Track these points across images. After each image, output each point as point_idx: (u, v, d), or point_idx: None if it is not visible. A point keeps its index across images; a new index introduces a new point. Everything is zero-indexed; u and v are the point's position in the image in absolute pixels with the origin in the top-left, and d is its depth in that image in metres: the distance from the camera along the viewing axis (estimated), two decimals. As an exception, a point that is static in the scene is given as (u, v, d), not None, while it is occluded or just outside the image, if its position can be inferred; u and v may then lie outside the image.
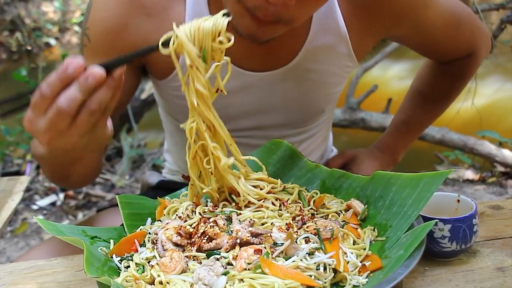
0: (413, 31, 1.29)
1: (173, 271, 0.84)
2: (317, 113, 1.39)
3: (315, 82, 1.28)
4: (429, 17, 1.26)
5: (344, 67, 1.29)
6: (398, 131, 1.60)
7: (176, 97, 1.29)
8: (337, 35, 1.22)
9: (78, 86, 0.83)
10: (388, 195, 1.00)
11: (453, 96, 1.55)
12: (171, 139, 1.56)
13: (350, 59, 1.27)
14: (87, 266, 0.86)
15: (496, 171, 3.48)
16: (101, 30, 1.19)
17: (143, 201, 1.11)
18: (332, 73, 1.28)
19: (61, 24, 7.58)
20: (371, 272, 0.85)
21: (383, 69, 4.79)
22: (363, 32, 1.25)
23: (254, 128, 1.29)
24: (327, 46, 1.23)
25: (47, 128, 0.85)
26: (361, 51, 1.29)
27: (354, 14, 1.22)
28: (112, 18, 1.17)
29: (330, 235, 0.89)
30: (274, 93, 1.27)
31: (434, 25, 1.29)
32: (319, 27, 1.20)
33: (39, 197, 3.46)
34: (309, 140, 1.44)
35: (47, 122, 0.85)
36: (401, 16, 1.23)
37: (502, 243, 1.05)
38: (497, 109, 4.30)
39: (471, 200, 1.02)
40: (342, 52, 1.25)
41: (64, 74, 0.83)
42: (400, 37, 1.36)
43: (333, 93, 1.36)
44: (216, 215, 0.96)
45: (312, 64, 1.25)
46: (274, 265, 0.80)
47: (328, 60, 1.26)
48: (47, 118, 0.84)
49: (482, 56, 1.48)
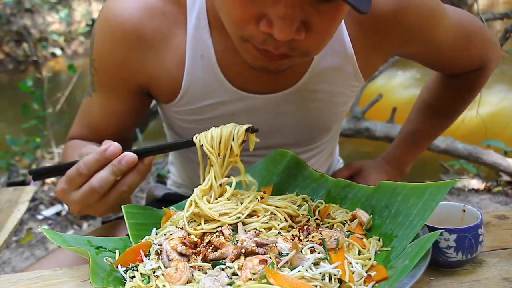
0: (423, 49, 1.27)
1: (178, 281, 0.84)
2: (324, 131, 1.38)
3: (321, 103, 1.27)
4: (440, 34, 1.24)
5: (351, 87, 1.27)
6: (405, 143, 1.59)
7: (179, 120, 1.30)
8: (343, 56, 1.20)
9: (112, 168, 0.98)
10: (393, 205, 1.00)
11: (462, 108, 1.54)
12: (175, 154, 1.56)
13: (356, 79, 1.26)
14: (93, 276, 0.86)
15: (502, 180, 3.47)
16: (104, 64, 1.22)
17: (149, 211, 1.11)
18: (339, 93, 1.27)
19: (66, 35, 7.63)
20: (376, 282, 0.85)
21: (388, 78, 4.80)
22: (371, 52, 1.23)
23: (261, 148, 1.28)
24: (334, 68, 1.21)
25: (78, 201, 1.01)
26: (368, 70, 1.27)
27: (362, 35, 1.20)
28: (112, 54, 1.19)
29: (336, 245, 0.89)
30: (279, 115, 1.26)
31: (444, 42, 1.27)
32: (325, 50, 1.16)
33: (44, 207, 3.47)
34: (316, 156, 1.43)
35: (80, 196, 1.00)
36: (411, 35, 1.21)
37: (508, 253, 1.05)
38: (502, 118, 4.30)
39: (477, 210, 1.01)
40: (348, 72, 1.23)
41: (101, 156, 0.98)
42: (409, 55, 1.34)
43: (340, 112, 1.35)
44: (222, 225, 0.96)
45: (318, 85, 1.23)
46: (280, 275, 0.80)
47: (334, 81, 1.24)
48: (79, 193, 1.00)
49: (493, 68, 1.46)
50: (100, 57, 1.21)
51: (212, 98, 1.22)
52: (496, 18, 3.13)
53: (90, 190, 0.98)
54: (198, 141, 1.04)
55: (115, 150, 0.98)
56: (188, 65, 1.18)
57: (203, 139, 1.03)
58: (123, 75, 1.20)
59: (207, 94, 1.21)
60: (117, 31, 1.16)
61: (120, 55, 1.18)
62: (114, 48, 1.18)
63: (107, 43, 1.18)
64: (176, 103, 1.24)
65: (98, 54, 1.21)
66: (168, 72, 1.20)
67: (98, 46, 1.20)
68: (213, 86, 1.18)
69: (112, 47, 1.18)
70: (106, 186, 0.98)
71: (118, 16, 1.15)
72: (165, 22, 1.16)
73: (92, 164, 0.98)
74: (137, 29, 1.15)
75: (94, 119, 1.31)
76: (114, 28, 1.16)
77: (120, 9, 1.15)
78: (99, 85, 1.25)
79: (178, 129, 1.34)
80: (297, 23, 0.92)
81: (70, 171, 1.00)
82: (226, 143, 1.03)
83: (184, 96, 1.22)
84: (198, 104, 1.23)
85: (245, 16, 0.94)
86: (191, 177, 1.51)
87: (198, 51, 1.16)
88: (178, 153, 1.51)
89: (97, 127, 1.30)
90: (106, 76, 1.23)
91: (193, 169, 1.47)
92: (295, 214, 1.01)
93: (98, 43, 1.20)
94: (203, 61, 1.17)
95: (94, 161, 0.98)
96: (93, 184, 0.98)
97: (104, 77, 1.23)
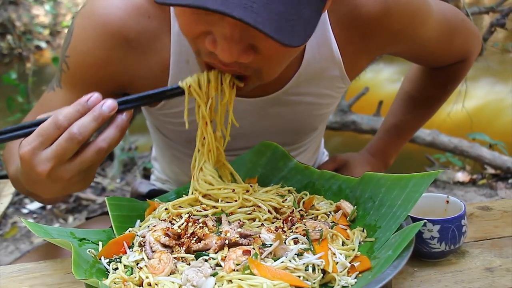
0: (409, 47, 1.28)
1: (161, 272, 0.84)
2: (310, 131, 1.39)
3: (307, 105, 1.26)
4: (426, 32, 1.24)
5: (337, 88, 1.27)
6: (389, 135, 1.59)
7: (164, 122, 1.28)
8: (330, 60, 1.19)
9: (93, 114, 0.87)
10: (377, 196, 1.00)
11: (443, 99, 1.55)
12: (159, 150, 1.55)
13: (343, 81, 1.25)
14: (75, 268, 0.85)
15: (486, 173, 3.49)
16: (81, 62, 1.15)
17: (132, 203, 1.11)
18: (325, 95, 1.26)
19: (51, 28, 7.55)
20: (360, 272, 0.86)
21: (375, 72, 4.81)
22: (357, 54, 1.22)
23: (247, 148, 1.26)
24: (320, 72, 1.20)
25: (51, 155, 0.87)
26: (354, 72, 1.26)
27: (349, 38, 1.18)
28: (93, 52, 1.13)
29: (319, 236, 0.89)
30: (266, 117, 1.25)
31: (430, 38, 1.27)
32: (312, 56, 1.17)
33: (29, 201, 3.44)
34: (302, 154, 1.43)
35: (55, 148, 0.86)
36: (398, 36, 1.20)
37: (491, 244, 1.06)
38: (488, 112, 4.33)
39: (460, 201, 1.02)
40: (335, 75, 1.22)
41: (82, 107, 0.88)
42: (395, 53, 1.34)
43: (326, 113, 1.35)
44: (206, 216, 0.96)
45: (305, 89, 1.22)
46: (263, 266, 0.80)
47: (321, 84, 1.23)
48: (55, 145, 0.86)
49: (474, 58, 1.48)
50: (77, 55, 1.15)
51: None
52: (481, 12, 3.15)
53: (68, 137, 0.86)
54: (185, 84, 0.98)
55: (97, 99, 0.89)
56: (173, 69, 1.15)
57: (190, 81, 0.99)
58: (101, 74, 1.15)
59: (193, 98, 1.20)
60: (100, 30, 1.12)
61: (101, 55, 1.13)
62: (95, 48, 1.13)
63: (88, 41, 1.13)
64: (161, 106, 1.22)
65: (76, 52, 1.15)
66: (152, 75, 1.17)
67: (76, 43, 1.15)
68: None
69: (93, 47, 1.13)
70: (86, 133, 0.87)
71: (102, 15, 1.11)
72: (150, 25, 1.12)
73: (73, 115, 0.88)
74: (121, 30, 1.11)
75: None
76: (98, 27, 1.12)
77: (104, 8, 1.11)
78: (69, 82, 1.18)
79: (164, 129, 1.33)
80: (243, 45, 0.88)
81: (44, 126, 0.88)
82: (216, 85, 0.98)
83: (170, 100, 1.20)
84: (183, 106, 1.22)
85: (193, 31, 0.92)
86: (175, 173, 1.50)
87: (183, 55, 1.14)
88: (162, 149, 1.50)
89: None
90: (79, 74, 1.17)
91: (177, 165, 1.46)
92: (280, 206, 1.01)
93: (76, 40, 1.15)
94: (188, 65, 1.15)
95: (75, 112, 0.88)
96: (72, 130, 0.86)
97: (77, 75, 1.17)
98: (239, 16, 0.78)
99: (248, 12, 0.78)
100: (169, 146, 1.42)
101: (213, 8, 0.78)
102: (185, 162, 1.40)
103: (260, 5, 0.79)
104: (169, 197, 1.16)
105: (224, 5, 0.78)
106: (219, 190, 1.01)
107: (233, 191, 1.01)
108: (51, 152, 0.87)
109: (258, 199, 1.00)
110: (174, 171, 1.50)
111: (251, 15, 0.78)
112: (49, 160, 0.87)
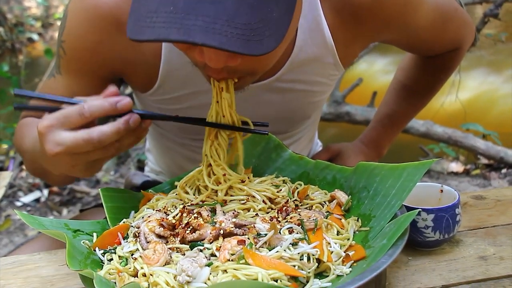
0: (402, 34, 1.27)
1: (156, 263, 0.83)
2: (304, 119, 1.38)
3: (301, 92, 1.26)
4: (418, 19, 1.24)
5: (330, 76, 1.27)
6: (382, 125, 1.59)
7: (157, 109, 1.27)
8: (323, 47, 1.19)
9: (118, 127, 0.89)
10: (371, 186, 1.00)
11: (437, 88, 1.55)
12: (152, 141, 1.55)
13: (336, 68, 1.25)
14: (70, 260, 0.85)
15: (480, 164, 3.51)
16: (76, 46, 1.16)
17: (127, 194, 1.11)
18: (318, 82, 1.26)
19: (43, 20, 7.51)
20: (354, 261, 0.86)
21: (368, 63, 4.81)
22: (350, 41, 1.22)
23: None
24: (313, 58, 1.20)
25: (65, 143, 0.88)
26: (347, 58, 1.26)
27: (342, 24, 1.18)
28: (86, 36, 1.14)
29: (314, 225, 0.89)
30: (259, 104, 1.25)
31: (423, 26, 1.27)
32: (304, 41, 1.17)
33: (22, 194, 3.43)
34: (296, 142, 1.43)
35: (71, 140, 0.88)
36: (391, 22, 1.20)
37: (485, 233, 1.06)
38: (481, 102, 4.34)
39: (454, 190, 1.02)
40: (328, 62, 1.22)
41: (111, 107, 0.90)
42: (388, 41, 1.34)
43: (319, 100, 1.35)
44: (201, 207, 0.95)
45: (297, 76, 1.22)
46: (258, 255, 0.80)
47: (314, 71, 1.23)
48: (72, 136, 0.88)
49: (467, 47, 1.47)
50: (71, 39, 1.16)
51: (190, 88, 1.20)
52: (475, 2, 3.16)
53: (86, 139, 0.88)
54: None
55: (128, 105, 0.91)
56: (165, 54, 1.15)
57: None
58: (95, 59, 1.16)
59: (185, 83, 1.20)
60: (92, 13, 1.12)
61: (94, 39, 1.14)
62: (88, 31, 1.13)
63: (81, 25, 1.14)
64: (153, 92, 1.22)
65: (70, 36, 1.16)
66: (144, 60, 1.17)
67: (70, 28, 1.16)
68: (191, 75, 1.16)
69: (86, 30, 1.14)
70: (105, 142, 0.89)
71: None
72: None
73: (98, 111, 0.90)
74: (113, 12, 1.11)
75: None
76: (89, 10, 1.12)
77: None
78: (67, 68, 1.20)
79: None
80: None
81: (70, 110, 0.90)
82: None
83: (162, 85, 1.20)
84: (176, 93, 1.21)
85: (182, 47, 0.93)
86: (169, 165, 1.50)
87: None
88: (155, 141, 1.50)
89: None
90: (76, 59, 1.18)
91: (170, 157, 1.46)
92: (274, 196, 1.01)
93: (70, 25, 1.15)
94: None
95: (101, 109, 0.90)
96: (92, 135, 0.88)
97: (73, 60, 1.18)
98: (202, 42, 0.78)
99: (210, 35, 0.78)
100: (161, 136, 1.41)
101: (176, 39, 0.79)
102: (178, 152, 1.40)
103: (222, 23, 0.78)
104: (163, 188, 1.16)
105: (187, 34, 0.78)
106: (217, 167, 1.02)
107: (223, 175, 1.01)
108: (66, 140, 0.88)
109: (252, 189, 1.00)
110: (167, 162, 1.50)
111: (214, 38, 0.78)
112: (60, 145, 0.88)
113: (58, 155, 0.89)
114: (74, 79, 1.19)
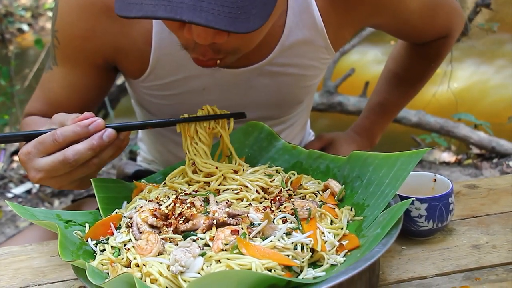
0: (392, 19, 1.28)
1: (149, 253, 0.83)
2: (296, 104, 1.38)
3: (292, 76, 1.26)
4: (408, 4, 1.24)
5: (322, 59, 1.27)
6: (374, 113, 1.60)
7: (149, 95, 1.27)
8: (313, 29, 1.19)
9: (91, 143, 0.92)
10: (365, 175, 1.00)
11: (428, 76, 1.56)
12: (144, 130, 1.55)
13: (327, 51, 1.25)
14: (62, 250, 0.84)
15: (472, 153, 3.52)
16: (68, 35, 1.17)
17: (119, 185, 1.10)
18: (310, 66, 1.26)
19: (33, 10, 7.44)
20: (348, 251, 0.85)
21: (361, 53, 4.81)
22: (340, 24, 1.22)
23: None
24: (304, 41, 1.20)
25: (44, 169, 0.93)
26: (338, 42, 1.26)
27: (331, 7, 1.19)
28: (78, 24, 1.14)
29: (308, 215, 0.89)
30: (251, 89, 1.25)
31: (412, 11, 1.27)
32: (294, 23, 1.17)
33: (13, 185, 3.41)
34: (288, 129, 1.43)
35: (48, 164, 0.92)
36: (380, 6, 1.21)
37: (478, 221, 1.06)
38: (473, 92, 4.36)
39: (447, 179, 1.03)
40: (319, 45, 1.22)
41: (83, 130, 0.93)
42: (378, 25, 1.34)
43: (311, 85, 1.35)
44: (194, 197, 0.95)
45: (289, 59, 1.22)
46: (251, 245, 0.80)
47: (305, 54, 1.23)
48: (49, 161, 0.92)
49: (457, 35, 1.48)
50: (64, 27, 1.16)
51: (181, 73, 1.20)
52: (467, -8, 3.15)
53: (62, 161, 0.91)
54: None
55: (101, 124, 0.94)
56: (156, 39, 1.15)
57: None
58: (88, 47, 1.17)
59: (176, 69, 1.19)
60: (83, 0, 1.12)
61: (85, 26, 1.14)
62: (79, 19, 1.14)
63: (72, 13, 1.14)
64: (145, 78, 1.22)
65: (62, 25, 1.16)
66: (135, 46, 1.17)
67: (62, 16, 1.16)
68: (182, 61, 1.16)
69: (77, 18, 1.14)
70: (80, 160, 0.92)
71: None
72: None
73: (70, 135, 0.92)
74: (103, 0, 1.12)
75: (54, 95, 1.26)
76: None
77: None
78: (62, 58, 1.20)
79: (148, 104, 1.32)
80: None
81: (44, 136, 0.93)
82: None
83: (153, 71, 1.19)
84: (167, 79, 1.21)
85: (171, 25, 0.93)
86: (161, 153, 1.49)
87: (165, 26, 1.14)
88: (148, 130, 1.50)
89: (58, 103, 1.25)
90: (70, 48, 1.18)
91: (162, 144, 1.45)
92: (268, 186, 1.01)
93: (62, 13, 1.16)
94: (171, 36, 1.14)
95: (72, 133, 0.92)
96: (67, 155, 0.91)
97: (67, 49, 1.19)
98: (189, 19, 0.78)
99: (197, 12, 0.79)
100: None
101: (163, 16, 0.79)
102: (169, 139, 1.40)
103: (210, 1, 0.79)
104: (155, 178, 1.15)
105: (174, 11, 0.78)
106: (205, 164, 1.02)
107: (216, 168, 1.01)
108: (44, 165, 0.92)
109: (245, 179, 1.00)
110: (160, 150, 1.49)
111: (201, 15, 0.78)
112: (40, 171, 0.93)
113: (41, 180, 0.94)
114: (70, 69, 1.20)
